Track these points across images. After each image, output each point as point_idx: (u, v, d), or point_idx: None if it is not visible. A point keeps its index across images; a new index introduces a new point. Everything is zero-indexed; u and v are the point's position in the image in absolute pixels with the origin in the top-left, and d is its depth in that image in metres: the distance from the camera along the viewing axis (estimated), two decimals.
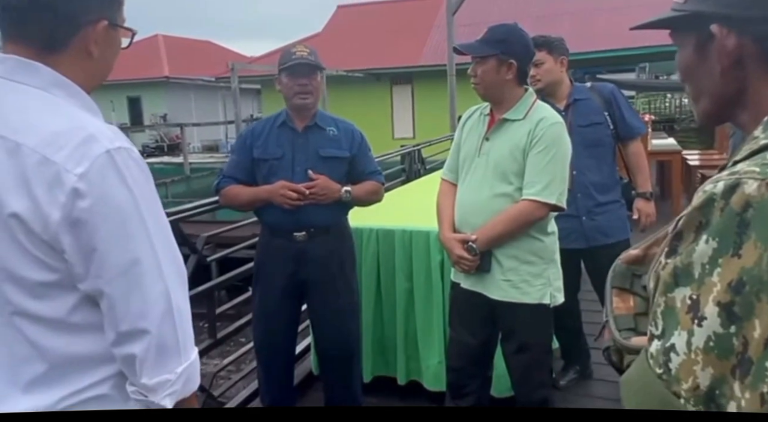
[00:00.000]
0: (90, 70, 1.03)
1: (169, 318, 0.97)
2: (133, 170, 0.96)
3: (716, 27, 0.71)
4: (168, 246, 1.00)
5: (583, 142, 2.66)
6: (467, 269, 2.12)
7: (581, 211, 2.73)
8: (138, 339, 0.95)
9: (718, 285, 0.59)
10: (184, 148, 16.27)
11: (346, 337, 2.53)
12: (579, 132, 2.65)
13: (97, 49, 1.01)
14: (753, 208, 0.58)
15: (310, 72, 2.36)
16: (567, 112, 2.70)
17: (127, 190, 0.94)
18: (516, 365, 2.22)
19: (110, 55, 1.06)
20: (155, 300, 0.96)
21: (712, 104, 0.76)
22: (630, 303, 0.87)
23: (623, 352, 0.82)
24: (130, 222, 0.94)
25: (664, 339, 0.63)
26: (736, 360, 0.57)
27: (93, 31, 1.00)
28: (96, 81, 1.06)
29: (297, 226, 2.38)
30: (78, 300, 0.96)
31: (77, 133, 0.93)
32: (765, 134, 0.66)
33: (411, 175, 5.56)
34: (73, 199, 0.90)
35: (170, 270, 0.99)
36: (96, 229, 0.92)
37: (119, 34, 1.07)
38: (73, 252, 0.92)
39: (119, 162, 0.93)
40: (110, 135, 0.96)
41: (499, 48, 2.05)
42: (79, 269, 0.93)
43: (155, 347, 0.95)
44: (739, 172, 0.61)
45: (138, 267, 0.94)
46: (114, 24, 1.03)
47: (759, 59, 0.70)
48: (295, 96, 2.37)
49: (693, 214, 0.63)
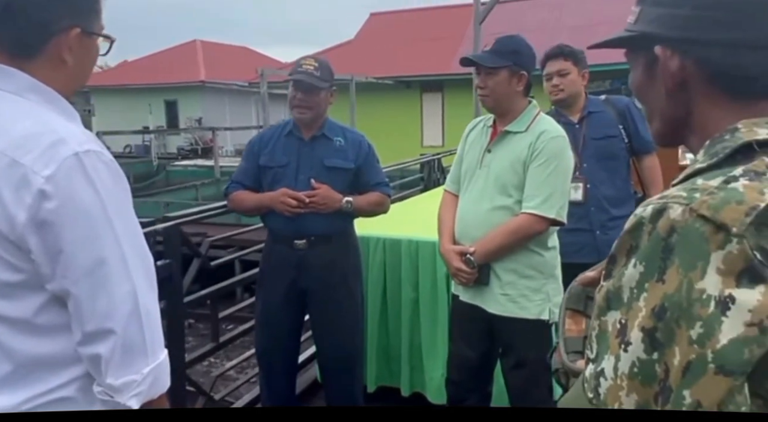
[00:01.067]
0: (66, 77, 1.04)
1: (135, 319, 0.97)
2: (102, 173, 0.96)
3: (660, 49, 0.70)
4: (136, 247, 1.00)
5: (597, 154, 2.62)
6: (465, 281, 2.10)
7: (594, 224, 2.65)
8: (103, 339, 0.96)
9: (643, 310, 0.58)
10: (215, 152, 16.55)
11: (346, 347, 2.52)
12: (593, 145, 2.62)
13: (71, 56, 1.02)
14: (677, 233, 0.57)
15: (310, 88, 2.35)
16: (581, 125, 2.66)
17: (94, 192, 0.95)
18: (514, 381, 2.18)
19: (87, 62, 1.08)
20: (121, 301, 0.96)
21: (663, 124, 0.75)
22: (582, 325, 0.86)
23: (569, 375, 0.81)
24: (96, 223, 0.95)
25: (597, 363, 0.63)
26: (658, 387, 0.57)
27: (66, 38, 1.01)
28: (72, 86, 1.08)
29: (298, 234, 2.38)
30: (45, 301, 0.97)
31: (47, 136, 0.94)
32: (703, 158, 0.65)
33: (430, 184, 5.53)
34: (40, 200, 0.92)
35: (138, 271, 0.99)
36: (62, 230, 0.93)
37: (95, 42, 1.08)
38: (39, 253, 0.94)
39: (87, 164, 0.94)
40: (81, 138, 0.97)
41: (511, 59, 2.03)
42: (45, 269, 0.95)
43: (121, 347, 0.96)
44: (668, 196, 0.60)
45: (104, 267, 0.95)
46: (89, 32, 1.04)
47: (703, 82, 0.68)
48: (293, 108, 2.39)
49: (624, 238, 0.63)
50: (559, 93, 2.64)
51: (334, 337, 2.49)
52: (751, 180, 0.58)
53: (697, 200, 0.57)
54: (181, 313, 2.53)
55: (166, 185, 15.75)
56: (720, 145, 0.64)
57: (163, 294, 2.50)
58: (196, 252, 2.58)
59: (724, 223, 0.55)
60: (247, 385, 3.16)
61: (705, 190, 0.58)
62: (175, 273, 2.40)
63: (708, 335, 0.54)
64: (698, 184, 0.60)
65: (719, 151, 0.63)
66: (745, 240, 0.54)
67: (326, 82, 2.39)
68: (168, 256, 2.39)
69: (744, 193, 0.56)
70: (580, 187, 2.58)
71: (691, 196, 0.58)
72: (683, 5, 0.68)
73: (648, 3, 0.72)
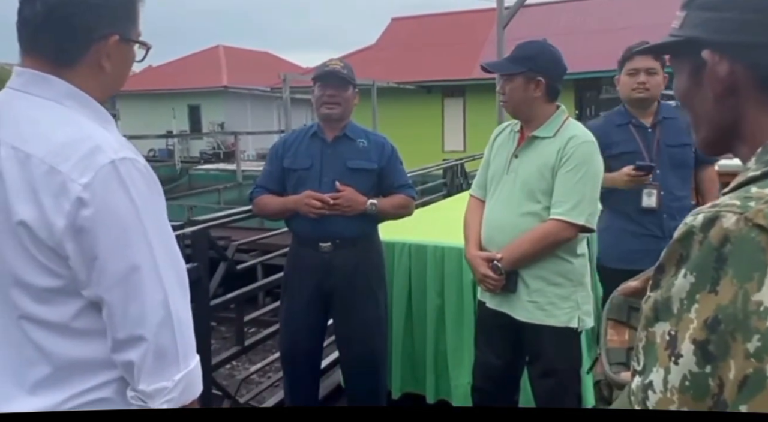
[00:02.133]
0: (103, 83, 1.06)
1: (167, 326, 0.98)
2: (137, 180, 0.98)
3: (708, 53, 0.68)
4: (169, 255, 1.02)
5: (671, 162, 2.52)
6: (492, 288, 2.08)
7: (667, 232, 2.50)
8: (135, 346, 0.97)
9: (694, 322, 0.57)
10: (237, 156, 16.68)
11: (370, 351, 2.51)
12: (667, 151, 2.51)
13: (109, 63, 1.04)
14: (731, 243, 0.56)
15: (339, 83, 2.38)
16: (654, 130, 2.54)
17: (129, 200, 0.96)
18: (541, 390, 2.15)
19: (124, 68, 1.09)
20: (153, 308, 0.97)
21: (710, 132, 0.74)
22: (625, 336, 0.84)
23: (613, 387, 0.79)
24: (130, 231, 0.96)
25: (644, 375, 0.61)
26: (712, 401, 0.55)
27: (105, 45, 1.03)
28: (109, 92, 1.10)
29: (323, 236, 2.39)
30: (82, 306, 0.99)
31: (84, 143, 0.96)
32: (756, 166, 0.63)
33: (452, 189, 5.50)
34: (77, 207, 0.93)
35: (171, 279, 1.00)
36: (97, 237, 0.94)
37: (132, 48, 1.09)
38: (76, 259, 0.95)
39: (123, 172, 0.96)
40: (116, 146, 0.98)
41: (526, 65, 2.02)
42: (82, 276, 0.96)
43: (152, 354, 0.97)
44: (719, 205, 0.59)
45: (137, 275, 0.96)
46: (127, 38, 1.06)
47: (753, 86, 0.67)
48: (322, 105, 2.39)
49: (674, 247, 0.62)
50: (644, 91, 2.49)
51: (357, 340, 2.49)
52: None
53: (753, 209, 0.56)
54: (208, 316, 2.54)
55: (189, 189, 15.92)
56: None
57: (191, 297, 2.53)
58: (223, 255, 2.60)
59: None
60: (271, 389, 3.17)
61: (760, 199, 0.57)
62: (202, 277, 2.41)
63: (766, 349, 0.52)
64: (752, 192, 0.59)
65: None
66: None
67: (353, 79, 2.42)
68: (196, 260, 2.40)
69: None
70: (654, 193, 2.48)
71: (745, 205, 0.57)
72: (732, 9, 0.66)
73: (694, 7, 0.71)
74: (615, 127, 2.56)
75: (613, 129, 2.55)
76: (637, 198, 2.49)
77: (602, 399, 0.83)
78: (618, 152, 2.49)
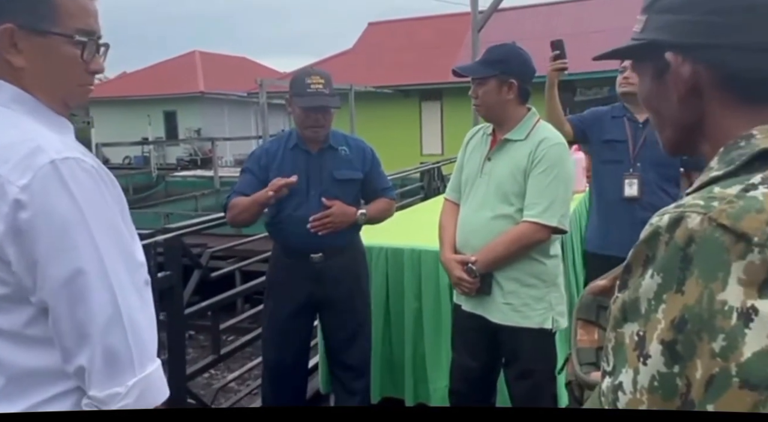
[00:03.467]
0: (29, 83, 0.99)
1: (117, 328, 0.94)
2: (82, 180, 0.93)
3: (671, 55, 0.69)
4: (122, 258, 0.97)
5: (654, 159, 2.62)
6: (467, 291, 2.09)
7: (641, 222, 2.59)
8: (83, 350, 0.93)
9: (662, 322, 0.57)
10: (214, 162, 16.55)
11: (361, 353, 2.55)
12: (652, 148, 2.61)
13: (20, 58, 0.97)
14: (695, 243, 0.56)
15: (324, 108, 2.33)
16: (645, 126, 2.65)
17: (72, 200, 0.92)
18: (518, 391, 2.16)
19: (54, 66, 1.01)
20: (100, 311, 0.93)
21: (674, 133, 0.74)
22: (594, 336, 0.84)
23: (584, 387, 0.79)
24: (73, 233, 0.92)
25: (614, 376, 0.61)
26: (680, 401, 0.55)
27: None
28: (55, 95, 1.02)
29: (314, 248, 2.38)
30: (34, 313, 0.95)
31: (24, 145, 0.92)
32: (719, 166, 0.64)
33: (430, 192, 5.52)
34: (15, 210, 0.89)
35: (122, 282, 0.95)
36: (36, 241, 0.90)
37: (56, 42, 0.99)
38: (18, 265, 0.91)
39: (64, 172, 0.92)
40: (59, 147, 0.94)
41: (498, 68, 2.03)
42: (27, 282, 0.92)
43: (102, 357, 0.93)
44: (684, 205, 0.59)
45: (81, 278, 0.92)
46: (32, 29, 0.97)
47: (715, 87, 0.67)
48: (307, 128, 2.36)
49: (640, 248, 0.62)
50: (628, 85, 2.64)
51: (351, 342, 2.51)
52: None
53: (716, 209, 0.56)
54: (182, 325, 2.51)
55: (166, 196, 15.72)
56: (736, 152, 0.63)
57: (163, 305, 2.50)
58: (197, 263, 2.57)
59: (745, 233, 0.54)
60: (249, 397, 3.13)
61: (723, 199, 0.57)
62: (175, 285, 2.38)
63: (731, 348, 0.52)
64: (715, 192, 0.59)
65: (735, 158, 0.62)
66: (767, 250, 0.53)
67: (335, 97, 2.38)
68: (168, 268, 2.37)
69: (764, 201, 0.55)
70: (635, 182, 2.61)
71: (708, 205, 0.57)
72: (692, 11, 0.67)
73: (654, 10, 0.71)
74: (611, 118, 2.75)
75: (609, 119, 2.74)
76: (620, 187, 2.62)
77: (575, 399, 0.83)
78: (607, 138, 2.68)
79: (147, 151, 21.41)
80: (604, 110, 2.84)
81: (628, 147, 2.65)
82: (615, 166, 2.65)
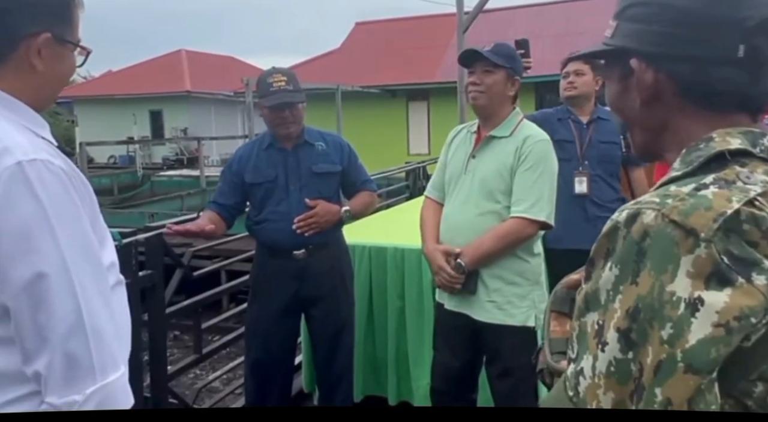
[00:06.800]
0: (35, 85, 1.01)
1: (78, 334, 0.92)
2: (49, 182, 0.92)
3: (635, 61, 0.73)
4: (88, 261, 0.95)
5: (599, 156, 2.82)
6: (446, 283, 2.08)
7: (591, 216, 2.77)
8: (41, 355, 0.91)
9: (618, 311, 0.61)
10: (201, 162, 16.46)
11: (344, 351, 2.55)
12: (598, 146, 2.83)
13: (40, 62, 1.00)
14: (650, 238, 0.60)
15: (290, 104, 2.34)
16: (589, 127, 2.86)
17: (36, 203, 0.90)
18: (500, 389, 2.17)
19: (59, 72, 1.05)
20: (62, 316, 0.91)
21: (642, 136, 0.78)
22: (566, 327, 0.88)
23: (554, 375, 0.83)
24: (36, 236, 0.90)
25: (577, 362, 0.65)
26: (633, 385, 0.60)
27: (35, 42, 0.99)
28: (44, 96, 1.05)
29: (296, 245, 2.38)
30: None
31: None
32: (679, 166, 0.68)
33: (415, 191, 5.52)
34: None
35: (87, 286, 0.94)
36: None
37: (69, 51, 1.05)
38: None
39: (30, 174, 0.90)
40: (27, 148, 0.93)
41: (510, 63, 2.08)
42: None
43: (60, 364, 0.91)
44: (641, 202, 0.63)
45: (44, 282, 0.90)
46: (60, 39, 1.02)
47: (675, 94, 0.71)
48: (278, 127, 2.37)
49: (602, 241, 0.66)
50: (573, 90, 2.84)
51: (337, 342, 2.51)
52: (720, 187, 0.61)
53: (669, 206, 0.60)
54: (163, 324, 2.49)
55: (152, 196, 15.59)
56: (695, 154, 0.67)
57: (144, 305, 2.48)
58: (179, 262, 2.55)
59: (694, 228, 0.58)
60: (232, 397, 3.12)
61: (676, 197, 0.61)
62: (157, 284, 2.36)
63: (678, 335, 0.57)
64: (671, 190, 0.63)
65: (694, 160, 0.67)
66: (713, 245, 0.57)
67: (300, 92, 2.38)
68: (150, 267, 2.35)
69: (712, 199, 0.59)
70: (584, 180, 2.78)
71: (663, 202, 0.61)
72: (655, 22, 0.71)
73: (624, 18, 0.75)
74: (557, 120, 2.89)
75: (555, 121, 2.88)
76: (571, 184, 2.77)
77: (545, 386, 0.86)
78: (557, 138, 2.78)
79: (132, 150, 21.23)
80: (551, 112, 2.99)
81: (576, 146, 2.82)
82: (565, 164, 2.73)
